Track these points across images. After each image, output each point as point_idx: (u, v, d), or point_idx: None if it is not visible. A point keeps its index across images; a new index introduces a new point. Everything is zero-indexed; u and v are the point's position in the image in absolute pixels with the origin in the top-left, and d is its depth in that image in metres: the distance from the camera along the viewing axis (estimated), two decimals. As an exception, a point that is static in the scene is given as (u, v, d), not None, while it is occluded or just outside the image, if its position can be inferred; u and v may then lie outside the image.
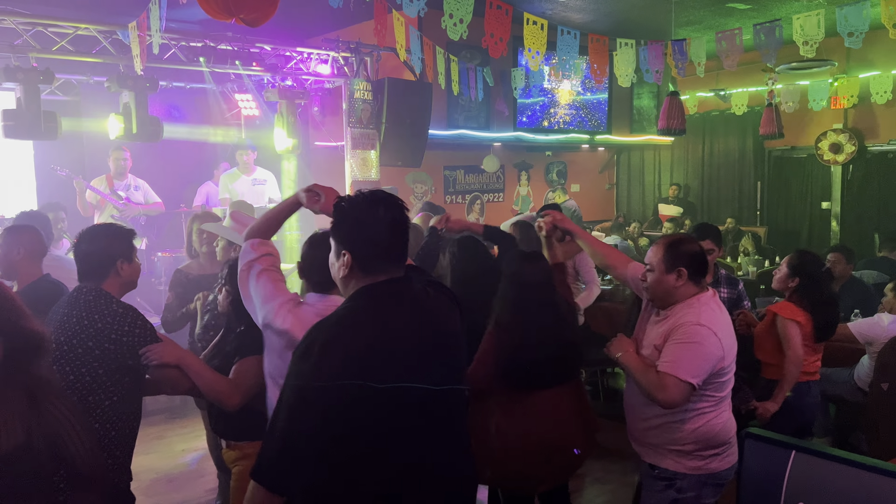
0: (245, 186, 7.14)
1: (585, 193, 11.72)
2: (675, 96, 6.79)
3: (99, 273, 2.59)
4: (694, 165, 12.28)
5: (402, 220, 1.93)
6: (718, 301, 2.78)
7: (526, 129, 10.02)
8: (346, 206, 1.92)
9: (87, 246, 2.62)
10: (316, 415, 1.70)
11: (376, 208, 1.89)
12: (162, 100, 7.80)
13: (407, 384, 1.75)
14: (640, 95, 11.55)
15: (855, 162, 10.13)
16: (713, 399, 2.67)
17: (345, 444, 1.72)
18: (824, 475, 1.88)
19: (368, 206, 1.90)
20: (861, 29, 4.85)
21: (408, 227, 1.96)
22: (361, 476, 1.75)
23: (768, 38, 5.58)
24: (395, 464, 1.77)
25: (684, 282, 2.69)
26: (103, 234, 2.67)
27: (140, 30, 5.31)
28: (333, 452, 1.72)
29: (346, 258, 1.87)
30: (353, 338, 1.77)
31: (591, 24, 8.80)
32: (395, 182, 8.74)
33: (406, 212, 1.94)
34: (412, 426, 1.80)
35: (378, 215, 1.89)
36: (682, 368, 2.56)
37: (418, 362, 1.82)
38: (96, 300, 2.51)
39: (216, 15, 3.63)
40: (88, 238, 2.65)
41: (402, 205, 1.94)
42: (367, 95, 7.57)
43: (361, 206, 1.91)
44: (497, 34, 4.64)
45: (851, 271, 5.44)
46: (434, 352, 1.88)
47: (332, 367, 1.70)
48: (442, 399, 1.86)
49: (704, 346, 2.58)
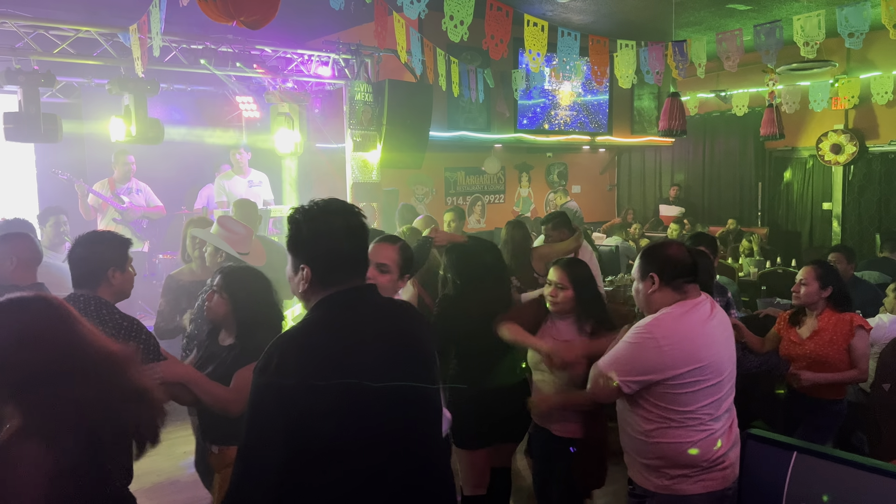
0: (241, 188, 7.15)
1: (586, 195, 11.73)
2: (675, 97, 6.79)
3: (91, 280, 2.58)
4: (695, 166, 12.28)
5: (360, 228, 1.87)
6: (702, 311, 2.56)
7: (527, 131, 10.03)
8: (300, 217, 1.82)
9: (81, 251, 2.62)
10: (276, 428, 1.65)
11: (333, 218, 1.83)
12: (163, 102, 7.80)
13: (366, 384, 1.71)
14: (641, 97, 11.55)
15: (856, 162, 10.13)
16: (678, 413, 2.47)
17: (307, 455, 1.68)
18: (826, 476, 1.88)
19: (325, 217, 1.82)
20: (861, 29, 4.84)
21: (366, 234, 1.89)
22: (325, 485, 1.70)
23: (769, 39, 5.57)
24: (358, 470, 1.72)
25: (657, 288, 2.55)
26: (98, 241, 2.67)
27: (141, 32, 5.31)
28: (297, 466, 1.67)
29: (304, 272, 1.81)
30: (309, 348, 1.73)
31: (592, 25, 8.80)
32: (395, 183, 8.75)
33: (363, 218, 1.87)
34: (375, 434, 1.75)
35: (335, 225, 1.82)
36: (608, 364, 2.54)
37: (379, 368, 1.77)
38: (98, 309, 2.51)
39: (216, 18, 3.63)
40: (83, 244, 2.66)
41: (358, 212, 1.87)
42: (367, 97, 7.57)
43: (318, 217, 1.82)
44: (497, 36, 4.64)
45: (853, 272, 5.43)
46: (397, 358, 1.84)
47: (289, 380, 1.66)
48: (407, 405, 1.82)
49: (638, 351, 2.48)
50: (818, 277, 3.66)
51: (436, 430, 1.98)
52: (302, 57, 7.42)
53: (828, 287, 3.65)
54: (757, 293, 6.94)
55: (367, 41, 7.53)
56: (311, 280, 1.81)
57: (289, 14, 6.23)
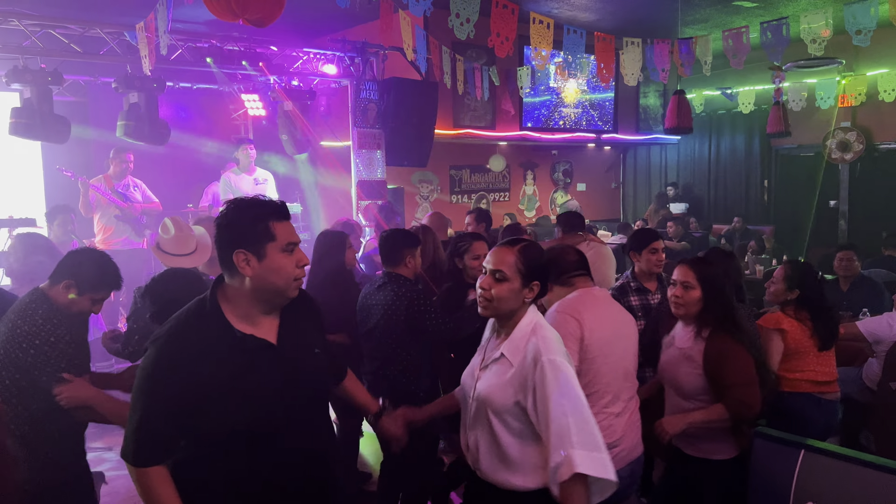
0: (248, 185, 7.15)
1: (591, 192, 11.71)
2: (681, 95, 6.77)
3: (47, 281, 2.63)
4: (700, 164, 12.25)
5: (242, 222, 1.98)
6: (592, 295, 2.76)
7: (532, 129, 10.01)
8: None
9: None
10: (161, 391, 1.78)
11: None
12: (169, 100, 7.82)
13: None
14: (647, 94, 11.53)
15: (863, 160, 10.08)
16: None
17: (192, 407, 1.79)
18: (833, 474, 1.87)
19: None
20: (869, 27, 4.82)
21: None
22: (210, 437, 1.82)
23: (775, 37, 5.55)
24: (236, 419, 1.81)
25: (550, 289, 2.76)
26: (85, 257, 2.65)
27: (148, 31, 5.32)
28: (184, 415, 1.79)
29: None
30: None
31: (597, 23, 8.78)
32: (400, 181, 8.76)
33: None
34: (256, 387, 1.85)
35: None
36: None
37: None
38: (30, 303, 2.53)
39: (222, 16, 3.63)
40: (80, 251, 2.73)
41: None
42: (372, 95, 7.57)
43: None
44: (503, 33, 4.64)
45: (860, 269, 5.42)
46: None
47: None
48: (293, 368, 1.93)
49: (561, 330, 2.59)
50: (786, 278, 3.62)
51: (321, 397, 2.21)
52: (307, 55, 7.43)
53: (794, 290, 3.58)
54: (761, 292, 6.92)
55: (372, 39, 7.53)
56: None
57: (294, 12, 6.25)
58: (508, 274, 2.08)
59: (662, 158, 12.59)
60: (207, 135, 8.83)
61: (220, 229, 1.86)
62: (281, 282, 1.87)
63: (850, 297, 5.24)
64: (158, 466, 1.80)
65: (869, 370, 4.38)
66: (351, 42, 7.49)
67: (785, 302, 3.62)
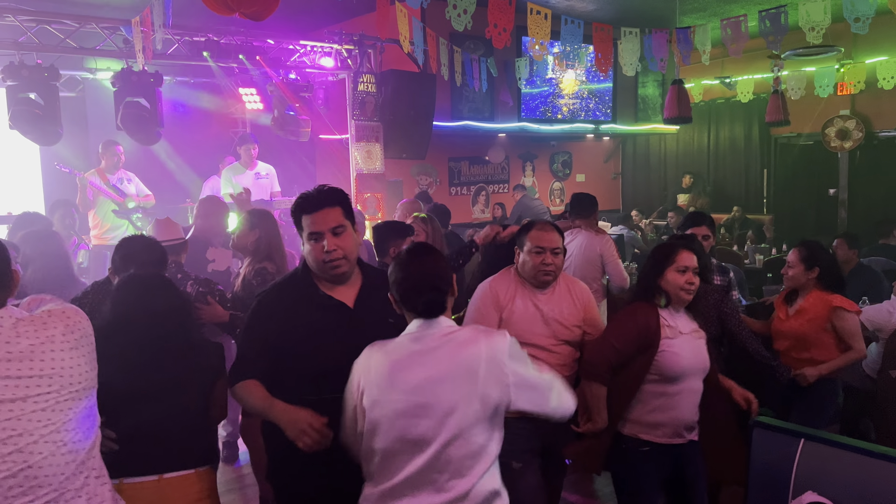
0: (249, 180, 7.14)
1: (591, 183, 11.70)
2: (679, 85, 6.75)
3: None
4: (699, 154, 12.23)
5: None
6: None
7: (530, 120, 10.00)
8: (335, 193, 2.34)
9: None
10: (257, 331, 2.29)
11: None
12: (166, 95, 7.80)
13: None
14: (645, 84, 11.50)
15: (862, 148, 10.07)
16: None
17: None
18: (833, 463, 1.88)
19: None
20: (867, 14, 4.80)
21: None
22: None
23: (773, 25, 5.53)
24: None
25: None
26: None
27: (144, 25, 5.31)
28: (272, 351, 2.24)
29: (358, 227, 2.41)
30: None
31: (595, 13, 8.76)
32: (399, 174, 8.74)
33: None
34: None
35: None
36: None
37: None
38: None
39: (217, 10, 3.62)
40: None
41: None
42: (370, 88, 7.55)
43: (341, 193, 2.36)
44: (501, 24, 4.62)
45: (857, 257, 5.40)
46: None
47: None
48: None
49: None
50: (802, 259, 3.67)
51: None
52: (305, 48, 7.40)
53: (814, 268, 3.65)
54: (762, 280, 6.92)
55: (369, 31, 7.51)
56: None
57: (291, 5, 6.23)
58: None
59: (662, 148, 12.57)
60: (205, 129, 8.82)
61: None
62: (313, 263, 2.25)
63: (849, 286, 5.21)
64: (250, 379, 2.20)
65: (868, 357, 4.39)
66: (348, 35, 7.46)
67: (805, 282, 3.67)
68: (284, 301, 2.27)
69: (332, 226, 2.19)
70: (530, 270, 2.93)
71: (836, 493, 1.86)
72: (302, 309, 2.24)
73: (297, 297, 2.26)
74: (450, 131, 9.05)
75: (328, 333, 2.20)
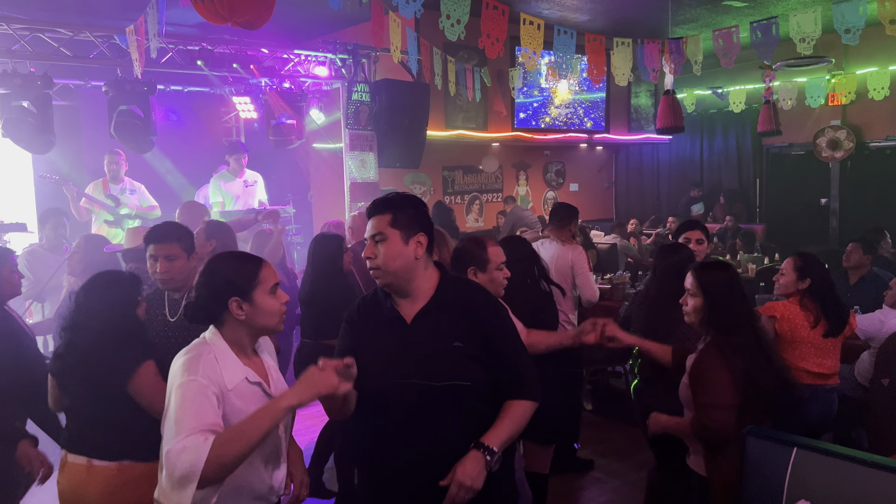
0: (238, 188, 7.13)
1: (584, 192, 11.73)
2: (670, 95, 6.78)
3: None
4: (692, 163, 12.29)
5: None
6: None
7: (524, 129, 10.03)
8: (400, 200, 2.21)
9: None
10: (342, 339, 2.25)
11: (420, 201, 2.29)
12: (160, 103, 7.78)
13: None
14: (638, 94, 11.56)
15: (853, 158, 10.14)
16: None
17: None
18: (826, 472, 1.88)
19: (417, 201, 2.27)
20: (858, 25, 4.84)
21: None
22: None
23: (765, 36, 5.57)
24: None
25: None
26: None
27: (138, 34, 5.30)
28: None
29: (422, 239, 2.14)
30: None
31: (588, 23, 8.81)
32: (393, 183, 8.75)
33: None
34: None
35: (425, 206, 2.28)
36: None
37: None
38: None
39: (211, 18, 3.62)
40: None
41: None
42: (364, 97, 7.57)
43: (412, 201, 2.23)
44: (494, 35, 4.64)
45: (870, 264, 5.32)
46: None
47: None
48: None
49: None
50: (796, 268, 3.71)
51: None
52: (299, 57, 7.41)
53: (805, 279, 3.68)
54: (755, 290, 6.94)
55: (363, 41, 7.53)
56: (426, 247, 2.14)
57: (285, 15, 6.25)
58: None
59: (654, 158, 12.63)
60: (199, 138, 8.80)
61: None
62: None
63: (862, 293, 5.15)
64: None
65: (860, 366, 4.39)
66: (342, 44, 7.48)
67: (794, 292, 3.71)
68: (361, 311, 2.25)
69: (372, 233, 2.11)
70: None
71: (830, 502, 1.87)
72: (373, 318, 2.19)
73: (372, 309, 2.22)
74: (444, 140, 9.07)
75: (382, 346, 2.13)
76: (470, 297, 2.18)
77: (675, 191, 12.46)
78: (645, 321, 3.38)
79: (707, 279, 2.61)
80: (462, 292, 2.19)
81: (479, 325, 2.12)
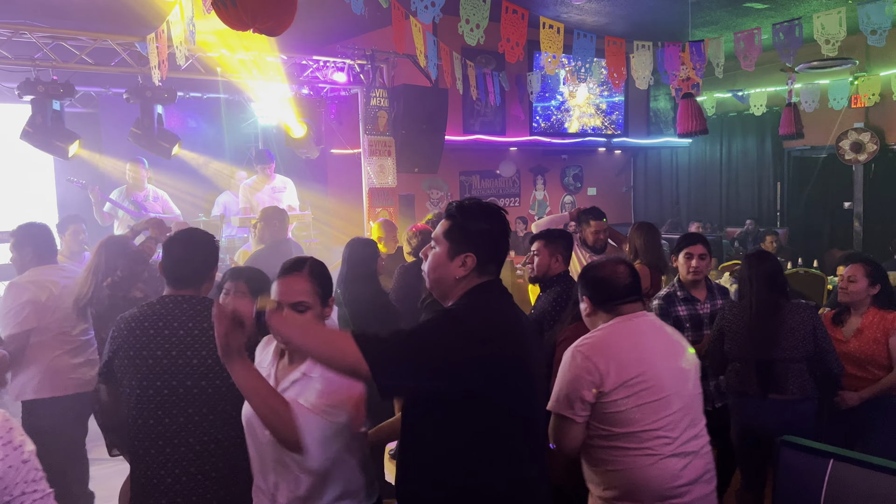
0: (266, 194, 7.15)
1: (602, 197, 11.66)
2: (689, 98, 6.70)
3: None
4: (712, 167, 12.17)
5: (508, 230, 2.07)
6: (634, 325, 2.38)
7: (542, 133, 9.99)
8: (467, 210, 2.00)
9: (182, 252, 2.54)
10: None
11: (496, 217, 2.01)
12: (179, 110, 7.84)
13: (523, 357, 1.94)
14: (657, 97, 11.47)
15: (877, 160, 9.98)
16: (623, 435, 2.24)
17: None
18: (864, 484, 1.83)
19: (490, 215, 2.00)
20: (885, 26, 4.77)
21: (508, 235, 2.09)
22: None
23: (787, 38, 5.50)
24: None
25: (590, 311, 2.50)
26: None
27: (158, 41, 5.34)
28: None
29: (468, 260, 1.93)
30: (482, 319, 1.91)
31: (608, 26, 8.76)
32: (411, 188, 8.74)
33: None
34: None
35: (499, 224, 2.01)
36: (552, 405, 2.34)
37: (533, 348, 2.05)
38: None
39: (233, 25, 3.62)
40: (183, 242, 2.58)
41: (506, 215, 2.06)
42: (383, 102, 7.57)
43: (481, 215, 1.99)
44: (513, 39, 4.62)
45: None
46: (536, 341, 2.25)
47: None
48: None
49: (571, 374, 2.30)
50: (868, 275, 3.61)
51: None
52: (317, 63, 7.42)
53: (876, 285, 3.60)
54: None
55: (381, 46, 7.54)
56: (472, 267, 1.94)
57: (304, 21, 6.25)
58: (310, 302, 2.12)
59: (673, 162, 12.52)
60: (218, 145, 8.85)
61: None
62: None
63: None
64: None
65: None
66: (360, 50, 7.49)
67: (865, 298, 3.62)
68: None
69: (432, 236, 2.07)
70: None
71: (867, 515, 1.82)
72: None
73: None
74: (461, 145, 9.05)
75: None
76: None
77: (694, 195, 12.35)
78: (761, 333, 3.38)
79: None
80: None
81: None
